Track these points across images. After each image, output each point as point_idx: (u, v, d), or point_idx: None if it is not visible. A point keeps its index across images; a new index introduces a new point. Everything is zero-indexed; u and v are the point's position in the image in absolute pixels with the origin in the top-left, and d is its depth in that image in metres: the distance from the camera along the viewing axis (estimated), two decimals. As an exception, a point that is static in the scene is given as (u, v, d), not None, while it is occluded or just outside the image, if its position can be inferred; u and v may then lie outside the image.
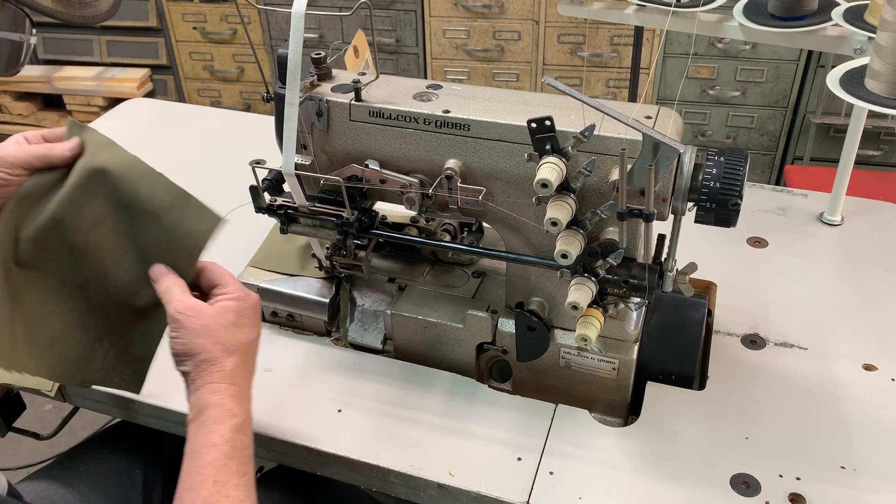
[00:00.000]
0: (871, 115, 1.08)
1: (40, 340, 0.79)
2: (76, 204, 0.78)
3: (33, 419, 1.24)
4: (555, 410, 0.92)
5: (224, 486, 0.70)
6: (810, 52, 2.41)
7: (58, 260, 0.79)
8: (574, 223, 0.78)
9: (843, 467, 0.84)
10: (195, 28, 2.96)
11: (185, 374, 0.76)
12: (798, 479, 0.83)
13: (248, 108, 3.10)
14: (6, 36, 0.71)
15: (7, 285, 0.77)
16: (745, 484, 0.82)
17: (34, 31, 0.74)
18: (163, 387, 0.97)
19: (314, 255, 1.03)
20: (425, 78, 2.78)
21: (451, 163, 0.85)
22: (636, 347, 0.91)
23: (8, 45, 0.72)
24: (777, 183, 2.65)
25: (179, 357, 0.76)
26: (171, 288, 0.78)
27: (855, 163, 1.22)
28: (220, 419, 0.73)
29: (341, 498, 1.07)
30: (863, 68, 0.99)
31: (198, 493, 0.69)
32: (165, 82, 3.14)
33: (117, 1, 0.75)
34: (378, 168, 0.88)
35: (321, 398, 0.92)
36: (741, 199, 0.77)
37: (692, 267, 0.83)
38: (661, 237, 0.84)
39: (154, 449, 1.08)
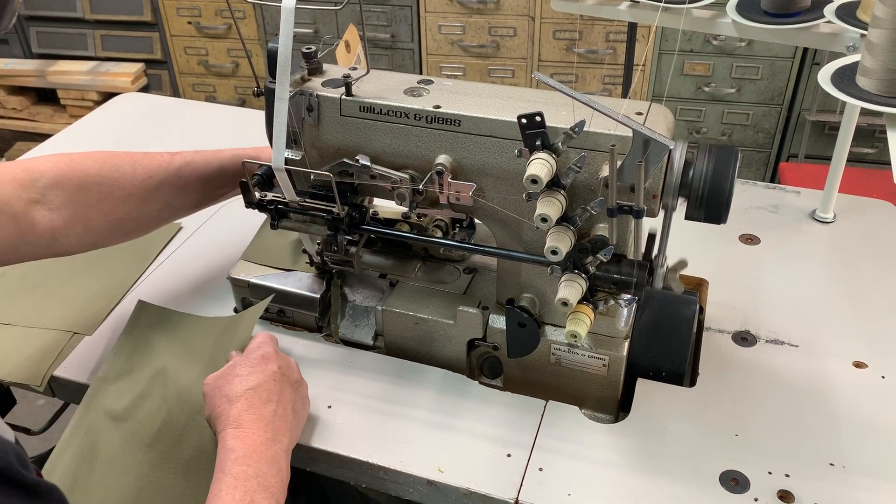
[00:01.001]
0: (865, 112, 1.08)
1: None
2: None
3: (25, 414, 1.23)
4: (545, 407, 0.92)
5: None
6: (805, 50, 2.41)
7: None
8: (564, 219, 0.78)
9: (832, 464, 0.84)
10: (189, 22, 2.95)
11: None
12: (787, 475, 0.83)
13: (242, 104, 3.09)
14: None
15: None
16: (734, 481, 0.82)
17: None
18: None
19: (305, 251, 1.03)
20: (420, 74, 2.78)
21: (442, 158, 0.85)
22: (626, 344, 0.91)
23: None
24: (772, 180, 2.65)
25: (209, 423, 0.83)
26: None
27: (849, 160, 1.22)
28: (222, 459, 0.76)
29: (329, 494, 1.06)
30: (854, 65, 0.99)
31: None
32: (160, 77, 3.13)
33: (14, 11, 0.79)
34: (368, 163, 0.88)
35: (311, 394, 0.92)
36: (731, 196, 0.77)
37: (682, 264, 0.83)
38: (652, 235, 0.84)
39: None
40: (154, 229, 1.02)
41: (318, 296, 1.01)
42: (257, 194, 0.95)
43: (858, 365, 0.97)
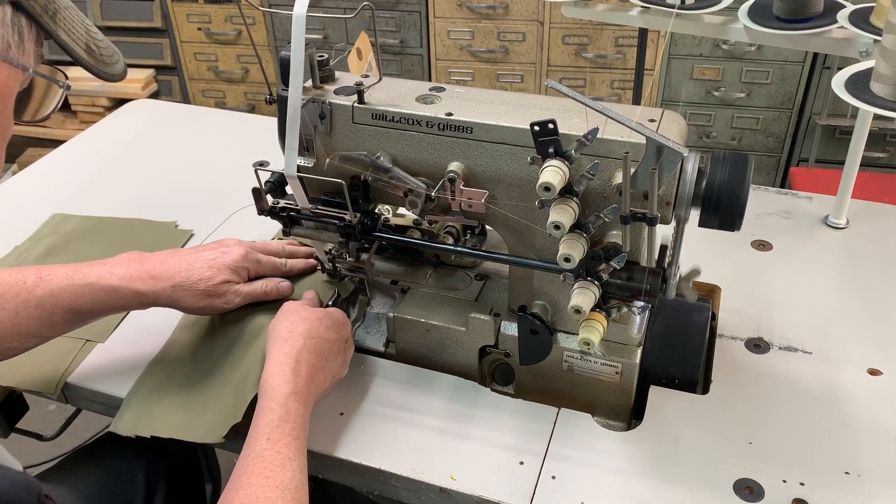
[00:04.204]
0: (877, 117, 1.08)
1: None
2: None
3: (37, 420, 1.24)
4: (557, 414, 0.92)
5: (276, 444, 0.75)
6: (816, 54, 2.40)
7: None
8: (577, 227, 0.78)
9: (847, 472, 0.84)
10: (200, 29, 2.96)
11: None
12: (802, 484, 0.82)
13: (252, 109, 3.10)
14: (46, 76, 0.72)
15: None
16: (748, 489, 0.82)
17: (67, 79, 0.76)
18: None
19: (316, 258, 1.03)
20: (429, 79, 2.78)
21: (454, 166, 0.85)
22: (639, 351, 0.91)
23: (44, 87, 0.73)
24: (782, 185, 2.64)
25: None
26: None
27: (860, 165, 1.21)
28: (276, 387, 0.80)
29: (336, 499, 1.06)
30: (868, 71, 0.98)
31: (251, 448, 0.75)
32: (170, 83, 3.15)
33: (126, 67, 0.79)
34: (389, 164, 0.88)
35: (323, 401, 0.92)
36: (745, 204, 0.76)
37: (696, 272, 0.83)
38: (664, 247, 0.84)
39: (156, 452, 1.08)
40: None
41: (329, 303, 1.01)
42: (269, 201, 0.95)
43: (873, 372, 0.96)
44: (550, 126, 0.73)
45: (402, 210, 1.03)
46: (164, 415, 0.92)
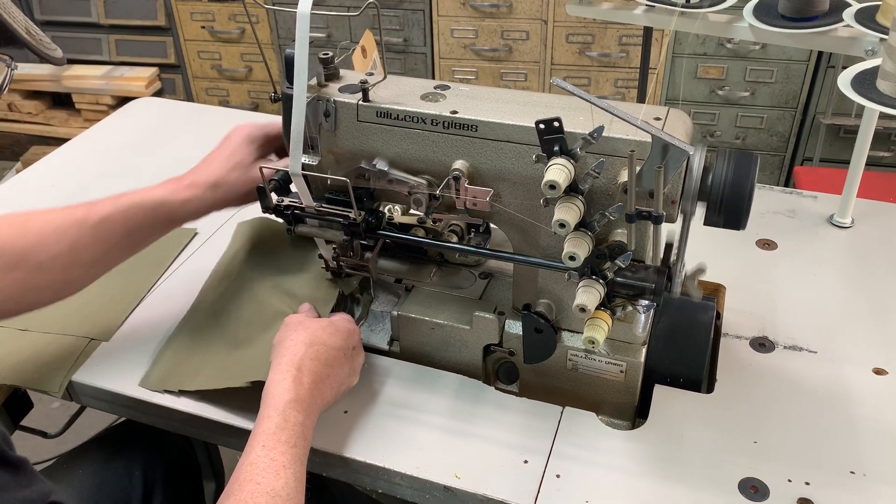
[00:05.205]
0: (882, 115, 1.08)
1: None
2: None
3: (41, 417, 1.24)
4: (562, 413, 0.92)
5: (271, 451, 0.75)
6: (820, 53, 2.40)
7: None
8: (582, 225, 0.78)
9: (852, 472, 0.83)
10: (203, 27, 2.96)
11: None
12: (807, 483, 0.82)
13: (255, 108, 3.10)
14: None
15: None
16: (753, 488, 0.82)
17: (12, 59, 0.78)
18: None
19: (321, 256, 1.03)
20: (433, 78, 2.78)
21: (459, 164, 0.84)
22: (644, 350, 0.91)
23: None
24: (786, 184, 2.64)
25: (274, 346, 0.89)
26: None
27: (865, 164, 1.21)
28: (276, 395, 0.80)
29: (338, 498, 1.06)
30: (875, 70, 0.98)
31: (247, 455, 0.75)
32: (174, 81, 3.15)
33: (65, 57, 0.82)
34: (386, 167, 0.88)
35: (327, 399, 0.92)
36: (751, 203, 0.76)
37: (701, 269, 0.83)
38: (669, 242, 0.83)
39: (155, 450, 1.08)
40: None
41: (333, 301, 1.01)
42: (274, 199, 0.95)
43: (878, 371, 0.96)
44: (556, 124, 0.72)
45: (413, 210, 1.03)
46: (190, 372, 0.96)
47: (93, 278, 0.94)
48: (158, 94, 3.13)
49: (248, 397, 0.90)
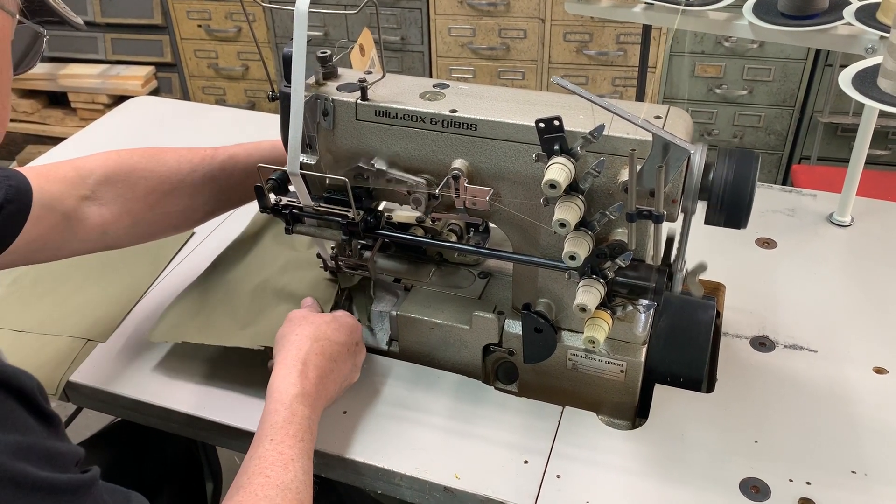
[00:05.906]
0: (881, 114, 1.07)
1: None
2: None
3: (37, 419, 1.23)
4: (562, 413, 0.91)
5: (279, 445, 0.75)
6: (818, 51, 2.40)
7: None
8: (582, 224, 0.77)
9: (853, 472, 0.83)
10: (200, 26, 2.95)
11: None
12: (808, 483, 0.82)
13: (252, 106, 3.09)
14: (30, 26, 0.72)
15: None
16: (754, 488, 0.81)
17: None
18: (168, 387, 0.97)
19: (319, 256, 1.02)
20: (430, 76, 2.77)
21: (458, 163, 0.84)
22: (644, 350, 0.90)
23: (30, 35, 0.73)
24: (784, 182, 2.64)
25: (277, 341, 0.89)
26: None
27: (864, 162, 1.21)
28: (283, 389, 0.80)
29: (345, 499, 1.06)
30: (875, 68, 0.98)
31: (255, 449, 0.75)
32: (170, 80, 3.14)
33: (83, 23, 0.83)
34: (385, 167, 0.87)
35: (326, 400, 0.92)
36: (752, 202, 0.76)
37: (702, 267, 0.82)
38: (670, 239, 0.83)
39: (154, 450, 1.08)
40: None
41: (332, 301, 1.01)
42: (272, 199, 0.94)
43: (879, 370, 0.96)
44: (556, 123, 0.72)
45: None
46: (198, 326, 0.99)
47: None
48: (155, 92, 3.12)
49: (247, 394, 0.89)
